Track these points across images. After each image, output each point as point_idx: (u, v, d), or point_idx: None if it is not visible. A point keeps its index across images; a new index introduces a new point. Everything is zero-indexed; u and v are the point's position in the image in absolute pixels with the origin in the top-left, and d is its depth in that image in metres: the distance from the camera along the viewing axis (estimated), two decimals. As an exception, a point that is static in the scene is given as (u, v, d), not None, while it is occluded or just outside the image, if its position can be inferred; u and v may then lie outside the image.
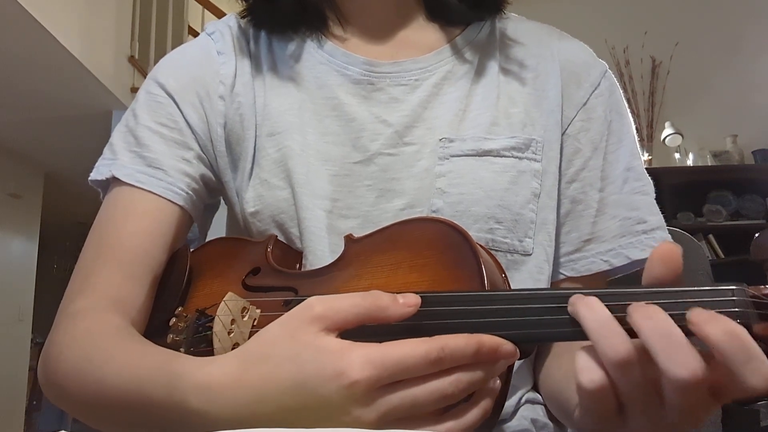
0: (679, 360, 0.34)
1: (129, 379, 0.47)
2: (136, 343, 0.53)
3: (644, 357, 0.36)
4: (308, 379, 0.38)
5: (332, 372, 0.37)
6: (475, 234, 0.48)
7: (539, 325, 0.40)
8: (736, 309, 0.36)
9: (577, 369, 0.38)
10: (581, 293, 0.40)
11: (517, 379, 0.64)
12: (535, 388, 0.67)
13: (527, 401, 0.64)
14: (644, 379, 0.37)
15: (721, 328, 0.34)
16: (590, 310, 0.38)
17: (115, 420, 0.50)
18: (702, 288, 0.37)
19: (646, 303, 0.37)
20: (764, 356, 0.34)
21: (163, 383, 0.44)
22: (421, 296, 0.42)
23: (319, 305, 0.40)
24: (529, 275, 0.62)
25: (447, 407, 0.40)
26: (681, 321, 0.36)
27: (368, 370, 0.37)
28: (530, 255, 0.62)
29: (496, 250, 0.60)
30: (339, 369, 0.37)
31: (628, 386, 0.37)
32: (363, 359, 0.37)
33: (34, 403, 5.49)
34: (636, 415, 0.39)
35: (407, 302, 0.40)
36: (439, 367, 0.38)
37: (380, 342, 0.39)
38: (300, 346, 0.39)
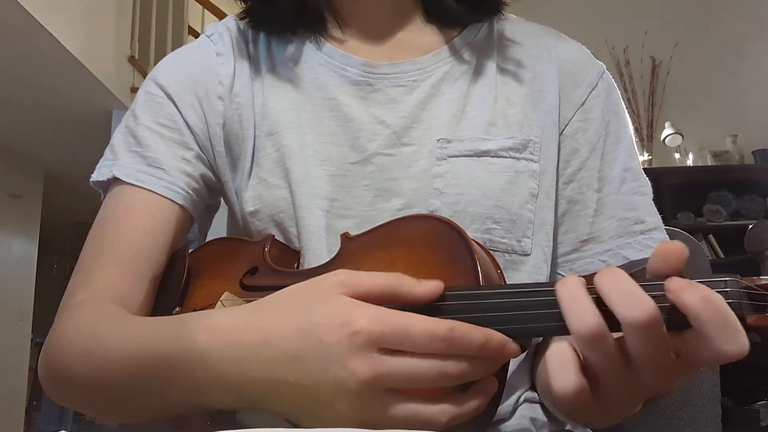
0: (632, 303, 0.36)
1: (136, 341, 0.48)
2: (139, 318, 0.55)
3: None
4: (314, 326, 0.39)
5: (338, 321, 0.39)
6: (472, 234, 0.48)
7: (535, 319, 0.40)
8: (730, 300, 0.37)
9: (549, 375, 0.39)
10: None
11: (516, 378, 0.64)
12: (534, 387, 0.67)
13: (526, 400, 0.64)
14: (615, 349, 0.38)
15: (697, 294, 0.35)
16: (564, 287, 0.38)
17: (118, 397, 0.50)
18: (695, 280, 0.38)
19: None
20: (740, 324, 0.35)
21: (172, 332, 0.46)
22: None
23: (343, 273, 0.42)
24: (527, 275, 0.62)
25: (442, 392, 0.40)
26: (667, 301, 0.37)
27: (372, 324, 0.38)
28: (528, 255, 0.62)
29: (494, 251, 0.60)
30: (345, 319, 0.38)
31: (602, 360, 0.38)
32: (370, 314, 0.39)
33: (34, 403, 5.50)
34: (613, 387, 0.39)
35: (430, 285, 0.41)
36: (445, 346, 0.38)
37: None
38: (314, 298, 0.41)
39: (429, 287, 0.41)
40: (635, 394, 0.40)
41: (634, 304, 0.36)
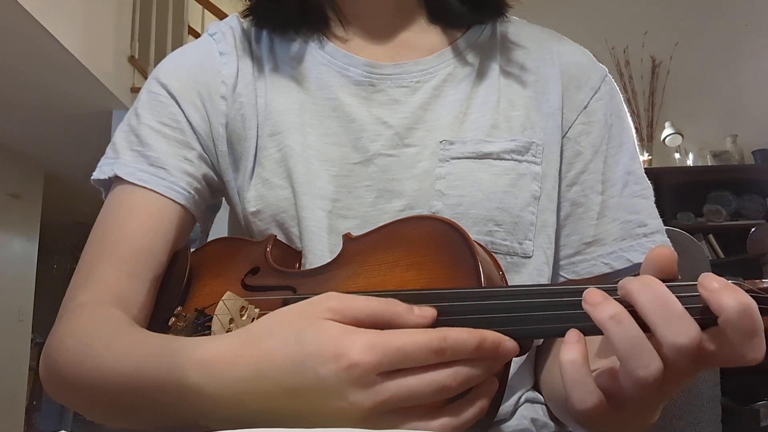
0: (679, 329, 0.35)
1: (128, 362, 0.48)
2: (136, 331, 0.54)
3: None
4: (308, 359, 0.39)
5: (332, 353, 0.38)
6: (474, 236, 0.48)
7: (536, 320, 0.40)
8: None
9: (566, 392, 0.39)
10: (575, 288, 0.40)
11: (517, 379, 0.64)
12: (535, 387, 0.67)
13: (527, 401, 0.64)
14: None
15: (736, 298, 0.35)
16: (619, 325, 0.37)
17: (115, 408, 0.50)
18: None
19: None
20: (763, 332, 0.35)
21: (163, 361, 0.45)
22: (417, 294, 0.43)
23: (334, 299, 0.41)
24: (529, 277, 0.62)
25: (443, 403, 0.40)
26: (693, 303, 0.37)
27: (368, 354, 0.37)
28: (530, 257, 0.62)
29: (496, 253, 0.60)
30: (339, 350, 0.38)
31: (642, 393, 0.38)
32: (364, 343, 0.38)
33: (34, 403, 5.49)
34: (634, 403, 0.39)
35: (422, 314, 0.41)
36: (440, 357, 0.38)
37: None
38: (304, 325, 0.40)
39: (422, 316, 0.41)
40: (656, 403, 0.41)
41: (681, 330, 0.35)
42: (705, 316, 0.36)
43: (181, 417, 0.45)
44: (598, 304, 0.38)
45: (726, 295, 0.35)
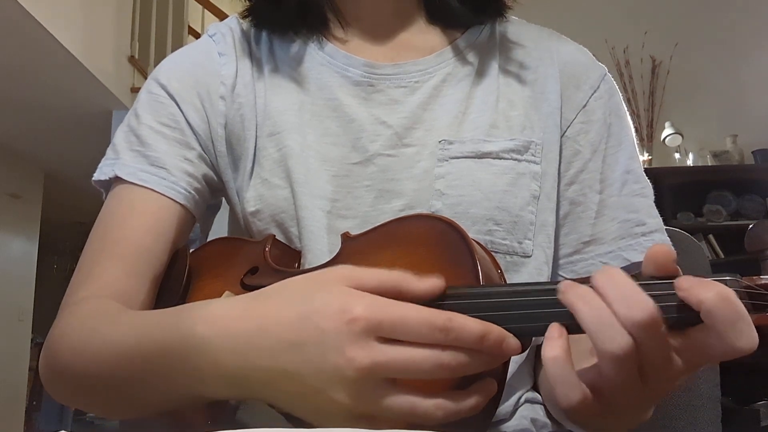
0: (632, 303, 0.36)
1: (133, 333, 0.49)
2: (140, 312, 0.55)
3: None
4: (313, 313, 0.39)
5: (337, 307, 0.39)
6: (473, 235, 0.48)
7: (535, 318, 0.40)
8: None
9: (552, 389, 0.39)
10: (571, 282, 0.40)
11: (517, 379, 0.64)
12: (535, 388, 0.67)
13: (527, 401, 0.64)
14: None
15: (712, 290, 0.36)
16: (584, 302, 0.38)
17: (114, 390, 0.50)
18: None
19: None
20: (750, 319, 0.36)
21: (171, 321, 0.46)
22: None
23: (346, 268, 0.42)
24: (528, 277, 0.62)
25: (441, 388, 0.40)
26: (672, 301, 0.37)
27: (371, 312, 0.38)
28: (529, 257, 0.62)
29: (495, 252, 0.60)
30: (343, 306, 0.39)
31: (620, 376, 0.38)
32: (369, 302, 0.39)
33: (34, 403, 5.49)
34: (617, 396, 0.40)
35: (432, 281, 0.41)
36: (443, 336, 0.38)
37: None
38: (314, 288, 0.41)
39: (431, 284, 0.41)
40: (641, 399, 0.41)
41: (634, 304, 0.36)
42: (689, 313, 0.36)
43: (181, 386, 0.45)
44: (568, 288, 0.39)
45: (701, 288, 0.36)
